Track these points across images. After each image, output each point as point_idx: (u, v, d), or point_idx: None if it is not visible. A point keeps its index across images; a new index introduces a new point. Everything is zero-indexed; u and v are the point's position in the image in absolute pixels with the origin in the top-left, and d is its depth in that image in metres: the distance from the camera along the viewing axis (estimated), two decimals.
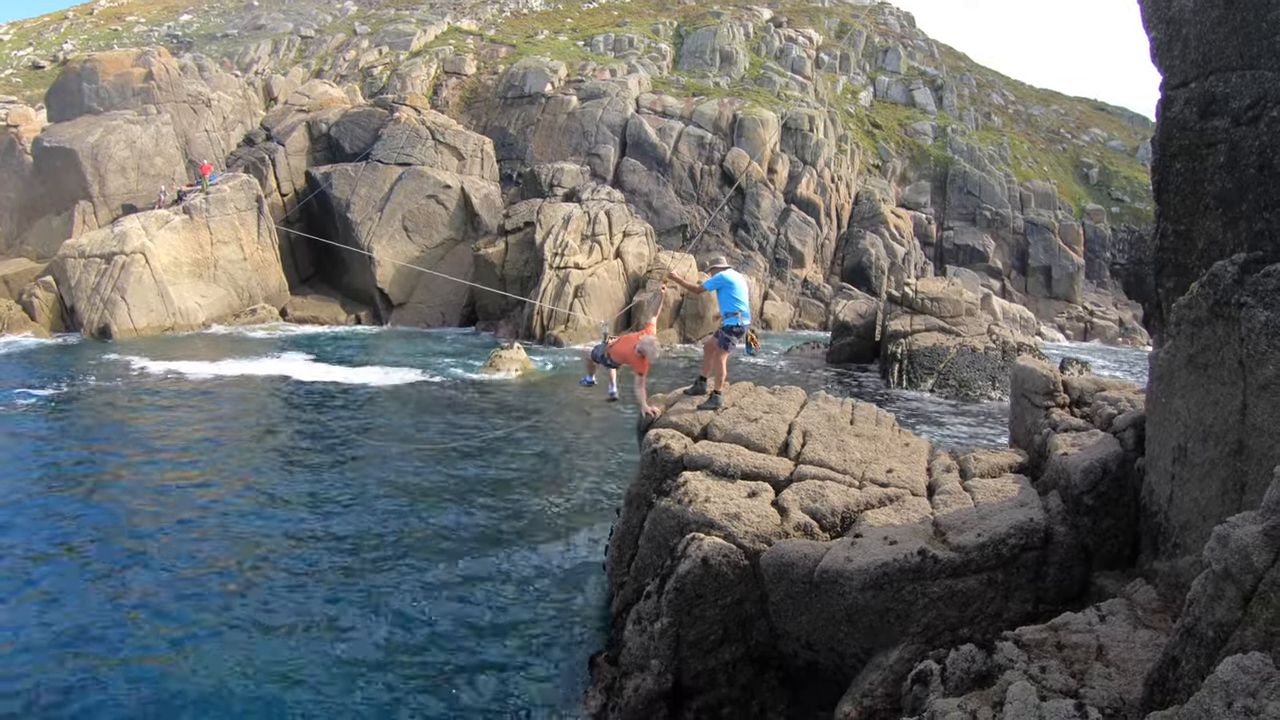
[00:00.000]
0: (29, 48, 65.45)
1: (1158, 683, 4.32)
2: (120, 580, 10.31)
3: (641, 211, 44.57)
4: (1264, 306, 5.12)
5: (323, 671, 8.43)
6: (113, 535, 11.74)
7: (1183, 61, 6.03)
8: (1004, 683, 5.05)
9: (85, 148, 36.50)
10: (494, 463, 15.97)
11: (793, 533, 7.83)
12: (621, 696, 7.27)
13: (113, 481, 14.25)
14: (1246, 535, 3.85)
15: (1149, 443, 6.77)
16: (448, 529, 12.39)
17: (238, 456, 16.28)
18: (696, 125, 49.52)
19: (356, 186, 40.12)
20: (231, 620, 9.38)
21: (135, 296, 31.34)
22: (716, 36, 60.86)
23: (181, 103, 41.54)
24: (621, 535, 9.37)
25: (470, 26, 63.84)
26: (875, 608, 6.92)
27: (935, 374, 26.72)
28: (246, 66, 57.13)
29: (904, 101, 65.20)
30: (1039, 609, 6.88)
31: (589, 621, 9.64)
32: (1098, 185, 63.80)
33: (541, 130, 50.01)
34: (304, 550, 11.47)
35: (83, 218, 35.85)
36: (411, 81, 53.86)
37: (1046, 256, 54.84)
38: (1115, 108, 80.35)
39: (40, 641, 8.73)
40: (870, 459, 9.21)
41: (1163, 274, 6.42)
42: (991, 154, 59.81)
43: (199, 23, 70.04)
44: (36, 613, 9.34)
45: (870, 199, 52.70)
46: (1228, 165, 5.67)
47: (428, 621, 9.52)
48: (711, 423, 9.76)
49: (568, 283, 35.20)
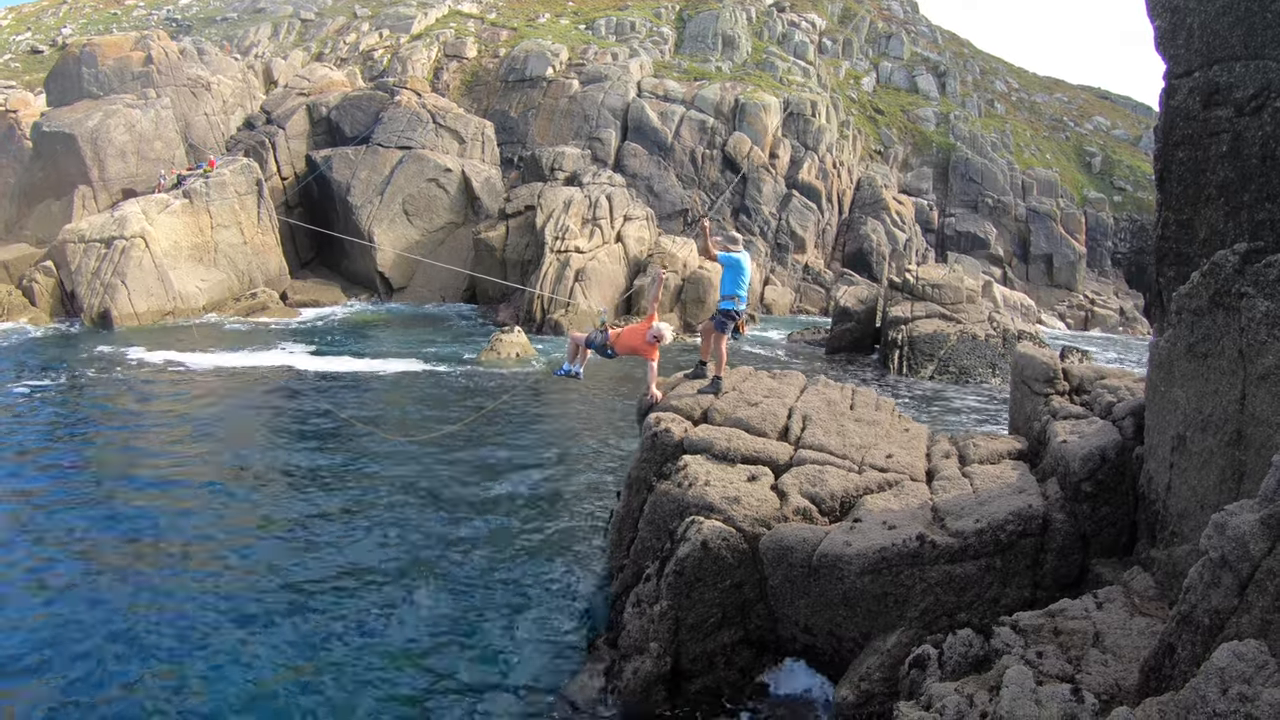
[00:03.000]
0: (28, 32, 65.12)
1: (1154, 669, 4.36)
2: (121, 577, 10.32)
3: (643, 195, 44.47)
4: (1265, 296, 5.14)
5: (323, 654, 8.48)
6: (116, 528, 11.77)
7: (1187, 50, 6.01)
8: (1001, 667, 5.10)
9: (85, 132, 36.34)
10: (493, 447, 16.00)
11: (792, 517, 7.87)
12: (620, 679, 7.33)
13: (114, 474, 14.31)
14: (1244, 523, 3.88)
15: (1148, 431, 6.79)
16: (446, 512, 12.43)
17: (237, 445, 16.32)
18: (698, 109, 49.33)
19: (357, 170, 40.00)
20: (233, 611, 9.42)
21: (135, 281, 31.28)
22: (719, 20, 60.54)
23: (181, 86, 41.32)
24: (621, 518, 9.41)
25: (471, 10, 63.47)
26: (873, 592, 6.97)
27: (936, 360, 26.73)
28: (246, 50, 56.81)
29: (907, 87, 64.95)
30: (1037, 595, 6.93)
31: (588, 604, 9.68)
32: (1100, 174, 63.62)
33: (543, 114, 49.84)
34: (302, 533, 11.51)
35: (82, 202, 35.71)
36: (412, 65, 53.61)
37: (1048, 244, 54.75)
38: (1119, 96, 79.99)
39: (42, 638, 8.73)
40: (870, 444, 9.24)
41: (1164, 263, 6.43)
42: (994, 141, 59.62)
43: (198, 6, 69.62)
44: (37, 608, 9.33)
45: (872, 185, 52.57)
46: (1230, 155, 5.66)
47: (426, 604, 9.56)
48: (712, 407, 9.79)
49: (568, 266, 35.16)
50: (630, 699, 7.23)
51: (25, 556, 10.61)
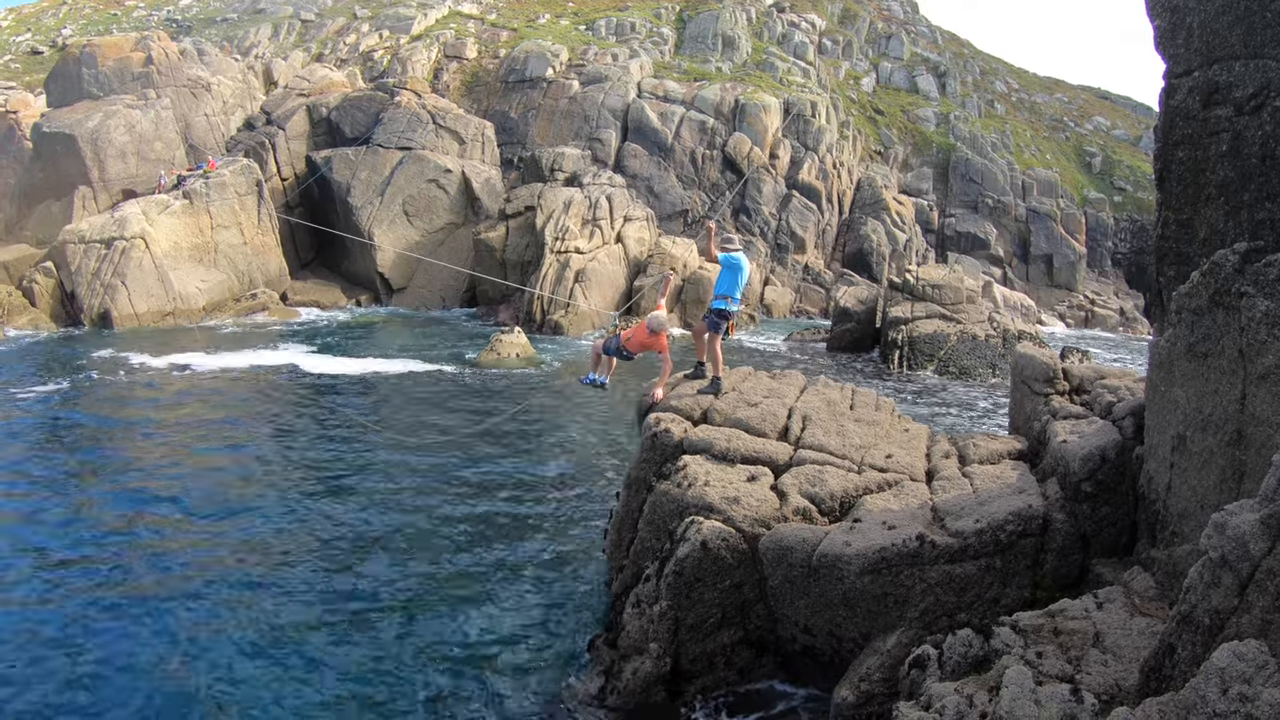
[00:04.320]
0: (28, 33, 65.12)
1: (1154, 669, 4.35)
2: (125, 572, 10.34)
3: (643, 196, 44.46)
4: (1265, 296, 5.13)
5: (321, 653, 8.47)
6: (119, 528, 11.78)
7: (1186, 50, 6.00)
8: (1001, 667, 5.09)
9: (85, 133, 36.34)
10: (493, 447, 16.00)
11: (791, 517, 7.86)
12: (620, 679, 7.32)
13: (118, 475, 14.31)
14: (1244, 523, 3.87)
15: (1148, 431, 6.79)
16: (447, 513, 12.43)
17: (241, 447, 16.32)
18: (698, 110, 49.32)
19: (357, 171, 40.00)
20: (237, 609, 9.43)
21: (135, 282, 31.27)
22: (719, 21, 60.54)
23: (181, 87, 41.32)
24: (621, 519, 9.40)
25: (471, 10, 63.48)
26: (873, 592, 6.96)
27: (936, 361, 26.73)
28: (246, 50, 56.81)
29: (907, 88, 64.95)
30: (1037, 595, 6.92)
31: (588, 604, 9.68)
32: (1100, 174, 63.61)
33: (543, 114, 49.83)
34: (304, 535, 11.51)
35: (82, 203, 35.70)
36: (412, 65, 53.60)
37: (1048, 245, 54.75)
38: (1119, 96, 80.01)
39: (44, 637, 8.74)
40: (869, 444, 9.23)
41: (1164, 263, 6.42)
42: (994, 141, 59.61)
43: (198, 7, 69.63)
44: (38, 610, 9.34)
45: (872, 185, 52.55)
46: (1230, 154, 5.66)
47: (426, 604, 9.57)
48: (711, 407, 9.78)
49: (568, 267, 35.16)
50: (630, 699, 7.22)
51: (26, 555, 10.63)
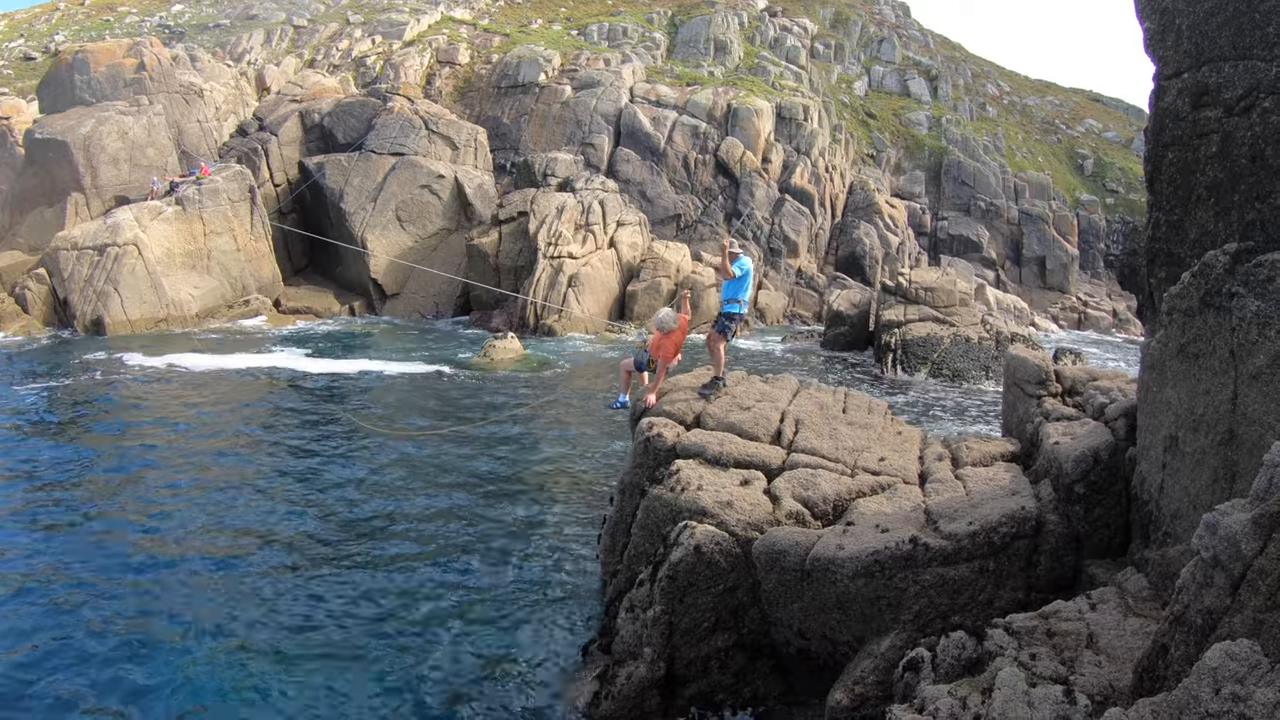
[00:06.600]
0: (20, 39, 64.94)
1: (1147, 670, 4.35)
2: (126, 571, 10.30)
3: (635, 201, 44.46)
4: (1255, 296, 5.14)
5: (314, 660, 8.44)
6: (119, 533, 11.74)
7: (1176, 52, 6.02)
8: (994, 669, 5.07)
9: (77, 139, 36.22)
10: (487, 452, 15.97)
11: (785, 521, 7.85)
12: (614, 684, 7.30)
13: (117, 479, 14.26)
14: (1235, 523, 3.87)
15: (1140, 432, 6.79)
16: (441, 518, 12.40)
17: (237, 450, 16.26)
18: (690, 115, 49.37)
19: (350, 176, 39.93)
20: (235, 611, 9.40)
21: (128, 288, 31.17)
22: (711, 26, 60.67)
23: (174, 93, 41.24)
24: (614, 523, 9.38)
25: (464, 16, 63.49)
26: (867, 595, 6.95)
27: (929, 364, 26.77)
28: (239, 57, 56.69)
29: (899, 91, 65.11)
30: (1030, 597, 6.91)
31: (582, 610, 9.65)
32: (1092, 176, 63.84)
33: (535, 120, 49.84)
34: (299, 541, 11.47)
35: (75, 209, 35.57)
36: (405, 71, 53.56)
37: (1041, 247, 54.89)
38: (1111, 99, 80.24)
39: (45, 639, 8.70)
40: (863, 447, 9.23)
41: (1154, 264, 6.43)
42: (986, 144, 59.77)
43: (191, 13, 69.50)
44: (40, 614, 9.31)
45: (864, 189, 52.62)
46: (1220, 155, 5.67)
47: (421, 609, 9.53)
48: (704, 411, 9.77)
49: (561, 272, 35.16)
50: (624, 704, 7.20)
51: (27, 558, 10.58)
